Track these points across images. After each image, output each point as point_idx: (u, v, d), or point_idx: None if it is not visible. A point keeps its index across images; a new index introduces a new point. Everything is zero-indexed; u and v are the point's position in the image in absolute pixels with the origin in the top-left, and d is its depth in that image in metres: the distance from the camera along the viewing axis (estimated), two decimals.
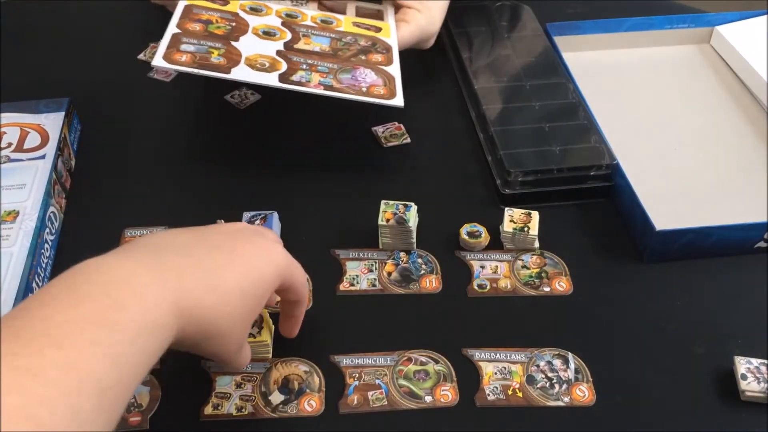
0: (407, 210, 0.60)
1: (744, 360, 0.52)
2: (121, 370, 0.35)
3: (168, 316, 0.39)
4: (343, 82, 0.65)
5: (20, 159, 0.64)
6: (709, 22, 0.84)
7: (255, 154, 0.71)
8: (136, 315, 0.37)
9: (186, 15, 0.69)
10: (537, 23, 0.82)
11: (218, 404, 0.51)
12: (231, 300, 0.43)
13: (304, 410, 0.51)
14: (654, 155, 0.70)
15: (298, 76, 0.64)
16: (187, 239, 0.45)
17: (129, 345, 0.36)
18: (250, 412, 0.51)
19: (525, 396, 0.51)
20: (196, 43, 0.65)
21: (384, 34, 0.74)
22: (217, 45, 0.65)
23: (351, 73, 0.66)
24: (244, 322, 0.45)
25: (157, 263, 0.41)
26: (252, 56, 0.65)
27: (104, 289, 0.37)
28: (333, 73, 0.65)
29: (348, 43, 0.70)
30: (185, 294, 0.40)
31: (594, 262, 0.61)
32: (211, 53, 0.64)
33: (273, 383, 0.52)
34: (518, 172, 0.63)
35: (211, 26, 0.68)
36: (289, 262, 0.49)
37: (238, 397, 0.51)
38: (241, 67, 0.63)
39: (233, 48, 0.66)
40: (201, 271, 0.42)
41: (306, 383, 0.52)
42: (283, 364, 0.53)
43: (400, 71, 0.69)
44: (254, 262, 0.45)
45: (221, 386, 0.52)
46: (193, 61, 0.63)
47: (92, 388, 0.33)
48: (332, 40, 0.71)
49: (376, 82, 0.66)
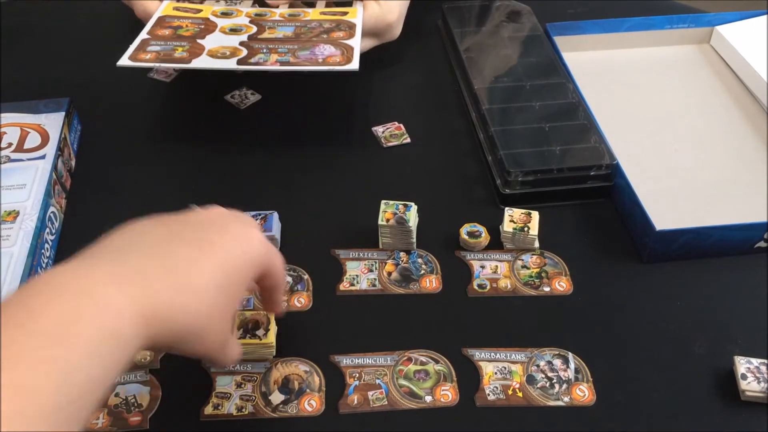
0: (407, 210, 0.60)
1: (744, 360, 0.52)
2: (80, 385, 0.33)
3: (132, 326, 0.37)
4: (300, 57, 0.66)
5: (20, 159, 0.64)
6: (709, 22, 0.84)
7: (255, 154, 0.71)
8: (95, 327, 0.35)
9: (158, 24, 0.72)
10: (537, 23, 0.82)
11: (218, 404, 0.51)
12: (205, 297, 0.41)
13: (305, 410, 0.51)
14: (654, 155, 0.70)
15: (256, 58, 0.66)
16: (156, 235, 0.43)
17: (88, 358, 0.34)
18: (250, 412, 0.51)
19: (525, 396, 0.51)
20: (162, 44, 0.68)
21: (350, 16, 0.75)
22: (182, 44, 0.68)
23: (309, 50, 0.67)
24: (223, 318, 0.43)
25: (121, 269, 0.39)
26: (214, 48, 0.68)
27: (62, 301, 0.35)
28: (291, 52, 0.67)
29: (312, 28, 0.72)
30: (152, 299, 0.38)
31: (594, 262, 0.61)
32: (176, 50, 0.67)
33: (273, 383, 0.52)
34: (518, 172, 0.63)
35: (180, 30, 0.71)
36: (267, 249, 0.47)
37: (238, 397, 0.51)
38: (203, 57, 0.66)
39: (198, 45, 0.68)
40: (170, 271, 0.40)
41: (306, 383, 0.52)
42: (283, 364, 0.53)
43: (360, 42, 0.69)
44: (230, 253, 0.43)
45: (221, 386, 0.52)
46: (157, 58, 0.66)
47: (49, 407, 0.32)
48: (296, 27, 0.72)
49: (334, 53, 0.67)
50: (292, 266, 0.60)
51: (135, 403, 0.51)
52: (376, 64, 0.82)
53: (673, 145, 0.72)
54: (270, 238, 0.60)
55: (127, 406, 0.51)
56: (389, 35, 0.78)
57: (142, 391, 0.52)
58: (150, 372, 0.53)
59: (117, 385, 0.52)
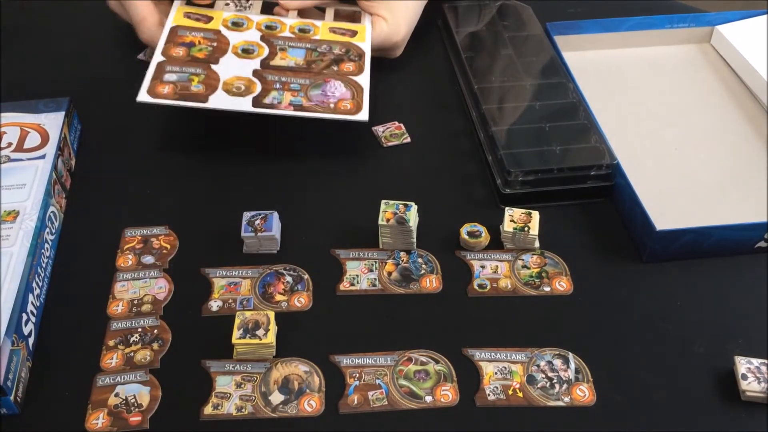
0: (407, 210, 0.60)
1: (744, 360, 0.52)
2: None
3: None
4: (312, 99, 0.69)
5: (20, 159, 0.64)
6: (710, 22, 0.84)
7: (255, 154, 0.71)
8: None
9: (171, 38, 0.73)
10: (537, 23, 0.82)
11: (218, 404, 0.51)
12: None
13: (304, 410, 0.51)
14: (654, 155, 0.70)
15: (270, 97, 0.69)
16: None
17: None
18: (250, 412, 0.51)
19: (525, 396, 0.51)
20: (178, 71, 0.69)
21: (359, 38, 0.76)
22: (197, 71, 0.70)
23: (321, 88, 0.70)
24: None
25: None
26: (229, 80, 0.70)
27: None
28: (304, 90, 0.70)
29: (322, 53, 0.74)
30: None
31: (594, 262, 0.61)
32: (192, 80, 0.69)
33: (273, 383, 0.52)
34: (518, 171, 0.63)
35: (193, 49, 0.72)
36: None
37: (238, 397, 0.51)
38: (218, 93, 0.68)
39: (212, 72, 0.70)
40: None
41: (306, 383, 0.52)
42: (283, 364, 0.53)
43: (369, 78, 0.72)
44: None
45: (221, 386, 0.52)
46: (174, 92, 0.68)
47: None
48: (307, 51, 0.74)
49: (345, 95, 0.70)
50: (292, 266, 0.60)
51: (135, 403, 0.51)
52: (377, 64, 0.82)
53: (673, 144, 0.72)
54: (270, 238, 0.60)
55: (127, 406, 0.51)
56: (392, 53, 0.80)
57: (142, 391, 0.52)
58: (150, 372, 0.53)
59: (117, 385, 0.52)
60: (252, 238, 0.60)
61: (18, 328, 0.52)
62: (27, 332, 0.53)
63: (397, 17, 0.78)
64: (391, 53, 0.80)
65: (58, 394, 0.52)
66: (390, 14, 0.77)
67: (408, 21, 0.79)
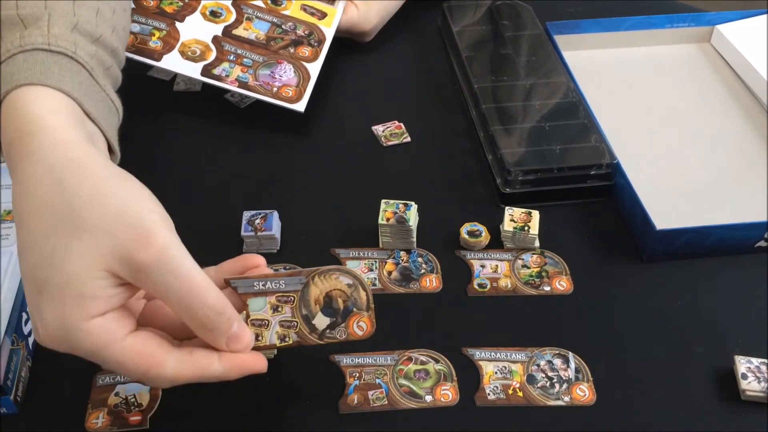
0: (407, 209, 0.60)
1: (744, 359, 0.52)
2: None
3: None
4: (259, 78, 0.71)
5: None
6: (710, 21, 0.84)
7: (255, 154, 0.71)
8: None
9: None
10: (537, 22, 0.82)
11: (258, 334, 0.45)
12: None
13: (354, 334, 0.45)
14: (654, 155, 0.70)
15: (220, 68, 0.70)
16: None
17: None
18: (296, 341, 0.45)
19: (525, 395, 0.51)
20: (143, 22, 0.71)
21: (325, 22, 0.77)
22: (161, 26, 0.71)
23: (271, 69, 0.72)
24: None
25: None
26: (188, 41, 0.71)
27: None
28: (255, 67, 0.71)
29: (285, 32, 0.75)
30: None
31: (594, 262, 0.61)
32: (152, 35, 0.70)
33: (314, 303, 0.46)
34: (518, 171, 0.63)
35: (164, 2, 0.73)
36: None
37: (277, 323, 0.45)
38: (173, 54, 0.70)
39: (175, 31, 0.72)
40: None
41: (352, 300, 0.46)
42: (321, 277, 0.46)
43: (320, 67, 0.73)
44: None
45: (255, 311, 0.45)
46: (133, 45, 0.69)
47: None
48: (271, 26, 0.75)
49: (290, 81, 0.71)
50: (292, 265, 0.60)
51: (135, 402, 0.51)
52: (377, 63, 0.82)
53: (673, 144, 0.72)
54: (270, 238, 0.60)
55: (127, 406, 0.51)
56: (361, 39, 0.82)
57: (142, 391, 0.52)
58: None
59: (117, 385, 0.52)
60: (252, 237, 0.60)
61: (18, 327, 0.52)
62: (27, 331, 0.53)
63: (370, 7, 0.80)
64: (360, 39, 0.82)
65: (58, 393, 0.52)
66: (363, 3, 0.79)
67: (380, 13, 0.81)
